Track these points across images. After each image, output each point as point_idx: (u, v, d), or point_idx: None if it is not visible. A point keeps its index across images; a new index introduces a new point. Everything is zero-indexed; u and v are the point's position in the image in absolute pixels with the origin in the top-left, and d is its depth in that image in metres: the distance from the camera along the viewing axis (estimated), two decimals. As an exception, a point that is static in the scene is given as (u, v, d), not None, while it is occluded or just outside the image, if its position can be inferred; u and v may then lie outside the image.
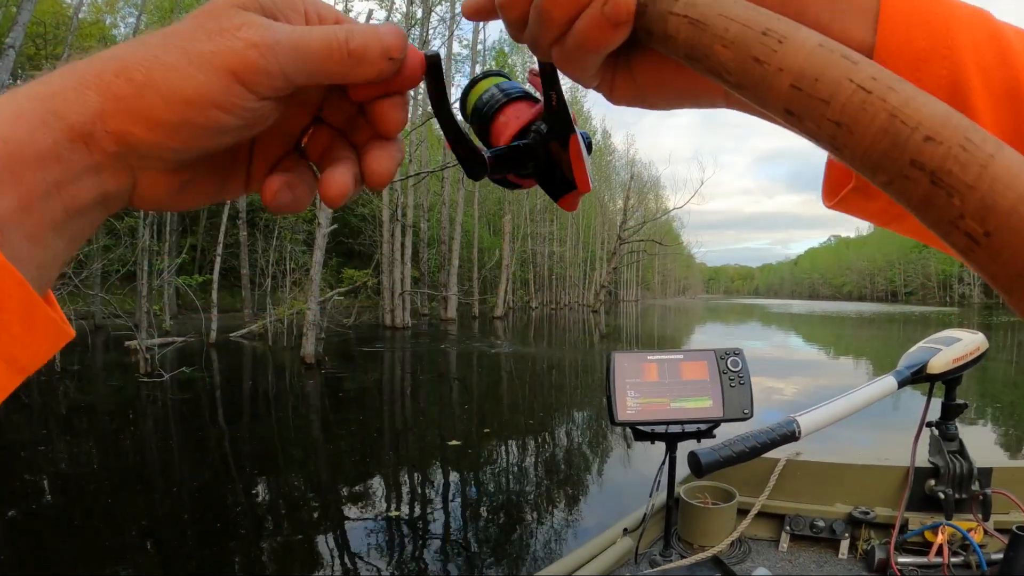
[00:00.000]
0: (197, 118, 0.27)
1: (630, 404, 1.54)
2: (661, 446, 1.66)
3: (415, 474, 6.09)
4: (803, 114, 0.25)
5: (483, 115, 0.44)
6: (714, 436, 1.58)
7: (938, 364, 1.51)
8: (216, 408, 9.33)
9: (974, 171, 0.21)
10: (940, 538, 1.55)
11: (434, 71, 0.36)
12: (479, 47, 33.21)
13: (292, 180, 0.33)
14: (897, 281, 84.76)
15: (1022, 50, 0.31)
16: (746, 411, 1.55)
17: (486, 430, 7.65)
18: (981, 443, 6.85)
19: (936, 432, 1.64)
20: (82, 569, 3.85)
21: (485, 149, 0.40)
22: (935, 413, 1.64)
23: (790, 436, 1.38)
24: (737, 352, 1.60)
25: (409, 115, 0.43)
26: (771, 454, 1.58)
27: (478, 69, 28.86)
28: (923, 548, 1.58)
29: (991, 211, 0.21)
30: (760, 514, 1.78)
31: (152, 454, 6.57)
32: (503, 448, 6.95)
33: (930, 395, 1.61)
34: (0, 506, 4.80)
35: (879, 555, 1.58)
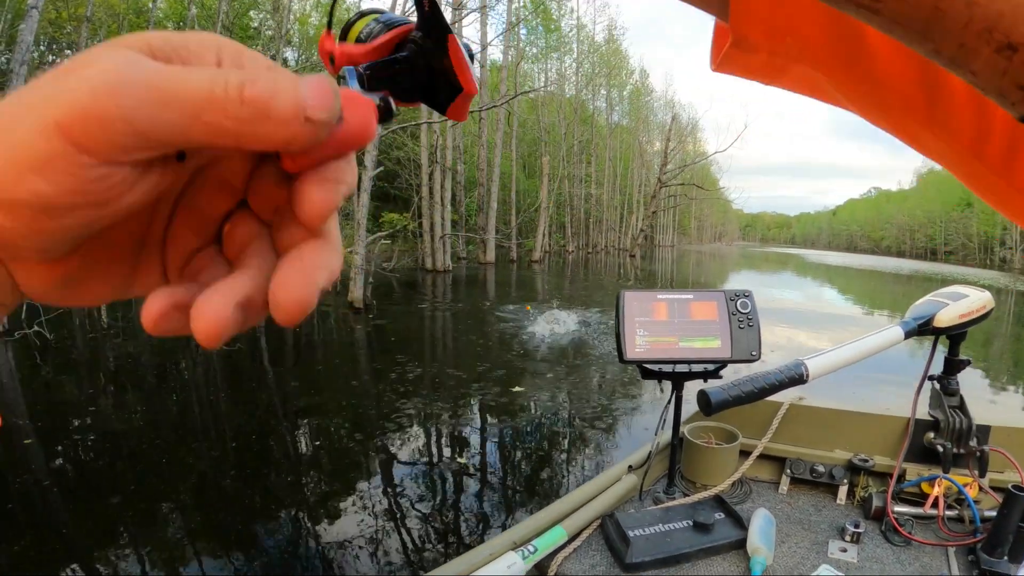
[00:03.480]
0: (15, 191, 0.20)
1: (639, 342, 1.55)
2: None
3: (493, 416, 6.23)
4: None
5: (366, 40, 0.43)
6: (720, 377, 1.59)
7: (945, 318, 1.52)
8: (279, 356, 9.16)
9: None
10: (936, 490, 1.59)
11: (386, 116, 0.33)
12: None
13: (181, 299, 0.25)
14: (937, 239, 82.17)
15: None
16: (754, 353, 1.55)
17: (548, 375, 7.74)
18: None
19: (938, 386, 1.66)
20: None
21: (364, 67, 0.38)
22: (938, 367, 1.67)
23: (798, 379, 1.42)
24: (746, 294, 1.60)
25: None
26: (774, 398, 1.60)
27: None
28: (919, 499, 1.63)
29: None
30: (762, 456, 1.83)
31: (222, 402, 6.70)
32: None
33: (934, 348, 1.63)
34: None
35: (876, 503, 1.62)
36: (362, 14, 0.44)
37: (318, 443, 5.33)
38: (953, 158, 0.32)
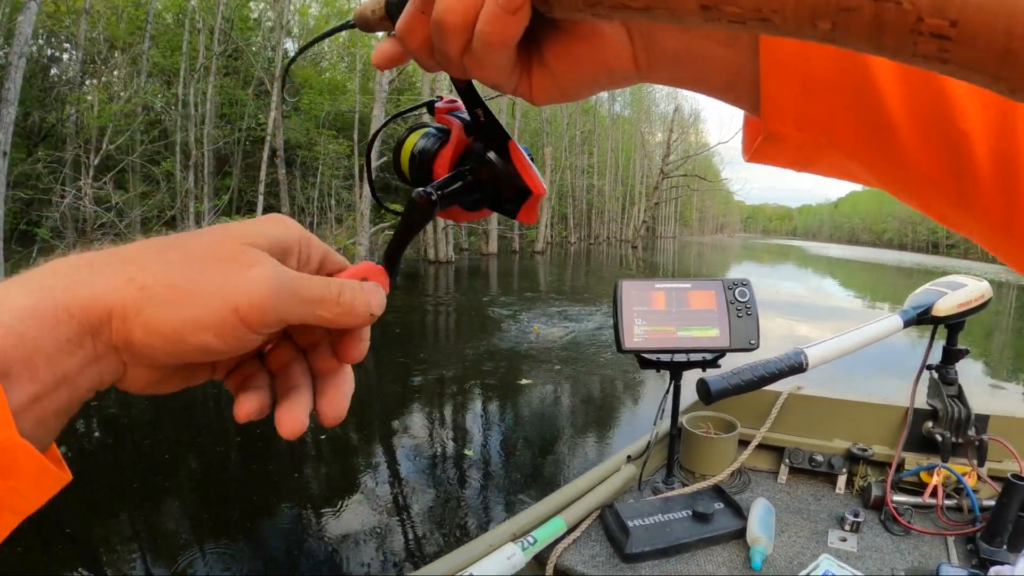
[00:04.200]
0: (191, 338, 0.29)
1: (637, 332, 1.54)
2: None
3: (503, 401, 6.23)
4: (722, 5, 0.23)
5: (422, 164, 0.44)
6: (719, 366, 1.58)
7: (943, 307, 1.52)
8: None
9: None
10: (935, 480, 1.58)
11: (425, 210, 0.39)
12: None
13: (263, 400, 0.35)
14: (940, 232, 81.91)
15: None
16: (752, 342, 1.54)
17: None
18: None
19: (936, 375, 1.66)
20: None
21: (431, 188, 0.40)
22: (937, 357, 1.67)
23: (798, 367, 1.42)
24: (745, 283, 1.59)
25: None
26: (773, 387, 1.59)
27: None
28: (918, 488, 1.63)
29: None
30: (761, 446, 1.83)
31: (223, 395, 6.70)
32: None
33: (932, 337, 1.63)
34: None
35: (875, 492, 1.62)
36: (411, 129, 0.46)
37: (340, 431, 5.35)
38: (984, 235, 0.33)
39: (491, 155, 0.41)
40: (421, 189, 0.39)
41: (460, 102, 0.42)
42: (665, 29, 0.33)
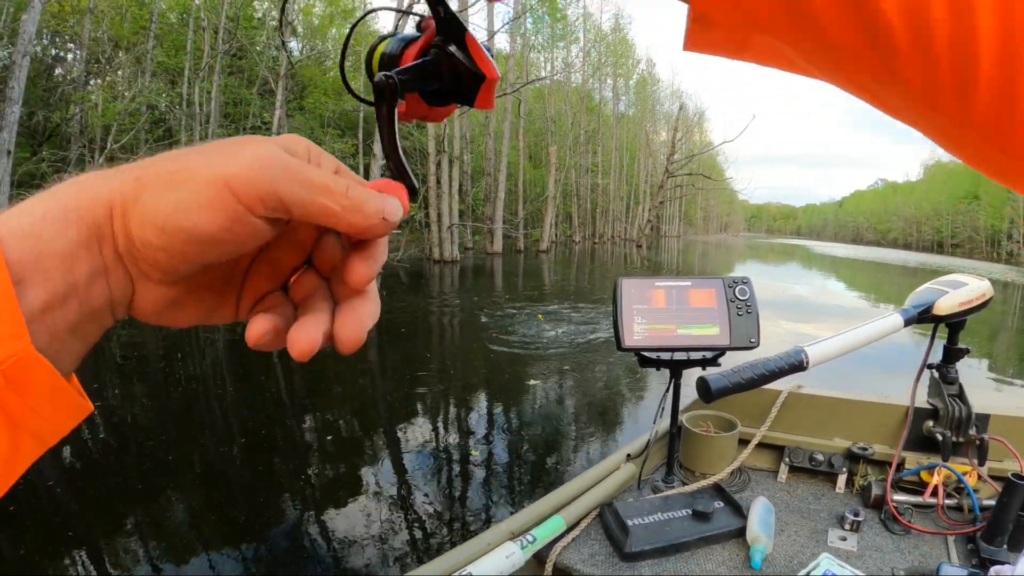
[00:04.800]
0: (183, 221, 0.28)
1: (637, 330, 1.53)
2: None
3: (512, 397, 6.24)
4: None
5: (390, 63, 0.46)
6: (719, 364, 1.57)
7: (944, 306, 1.52)
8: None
9: None
10: (936, 479, 1.58)
11: (388, 95, 0.38)
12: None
13: (278, 324, 0.34)
14: (944, 231, 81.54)
15: None
16: (752, 340, 1.54)
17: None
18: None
19: (937, 374, 1.66)
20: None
21: (392, 72, 0.41)
22: (937, 356, 1.66)
23: (798, 366, 1.41)
24: (745, 281, 1.58)
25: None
26: (773, 385, 1.59)
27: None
28: (918, 488, 1.62)
29: None
30: (760, 445, 1.83)
31: (234, 392, 6.74)
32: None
33: (933, 336, 1.62)
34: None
35: (875, 491, 1.62)
36: (382, 38, 0.48)
37: (344, 426, 5.36)
38: (913, 113, 0.32)
39: (449, 44, 0.43)
40: (382, 73, 0.40)
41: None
42: None
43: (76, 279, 0.28)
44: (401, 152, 0.40)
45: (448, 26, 0.43)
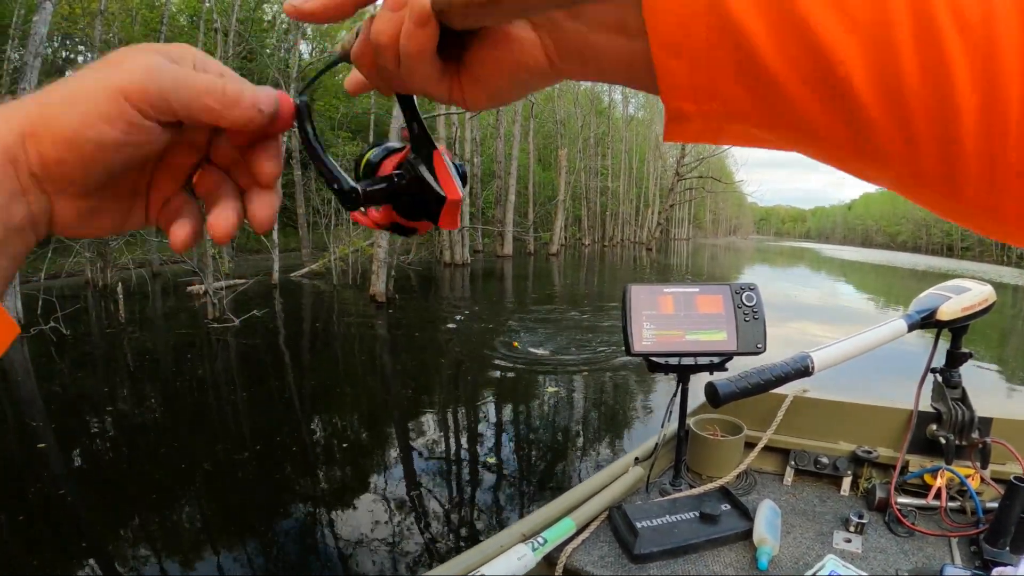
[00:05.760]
0: (90, 132, 0.31)
1: (646, 335, 1.56)
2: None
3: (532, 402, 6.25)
4: None
5: (371, 171, 0.48)
6: (726, 370, 1.58)
7: (948, 311, 1.54)
8: (299, 351, 9.05)
9: None
10: (939, 482, 1.59)
11: (301, 116, 0.41)
12: None
13: (195, 224, 0.38)
14: (954, 234, 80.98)
15: None
16: (759, 346, 1.56)
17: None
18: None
19: (940, 379, 1.68)
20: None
21: (356, 183, 0.43)
22: (940, 360, 1.68)
23: (804, 371, 1.44)
24: (752, 287, 1.61)
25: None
26: (779, 390, 1.61)
27: None
28: (922, 490, 1.64)
29: None
30: (766, 448, 1.85)
31: (248, 402, 6.65)
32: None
33: (936, 341, 1.64)
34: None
35: (880, 494, 1.63)
36: (373, 145, 0.50)
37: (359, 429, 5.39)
38: (903, 187, 0.32)
39: (417, 163, 0.44)
40: (353, 183, 0.42)
41: None
42: (563, 23, 0.35)
43: None
44: (325, 157, 0.42)
45: (419, 143, 0.44)
